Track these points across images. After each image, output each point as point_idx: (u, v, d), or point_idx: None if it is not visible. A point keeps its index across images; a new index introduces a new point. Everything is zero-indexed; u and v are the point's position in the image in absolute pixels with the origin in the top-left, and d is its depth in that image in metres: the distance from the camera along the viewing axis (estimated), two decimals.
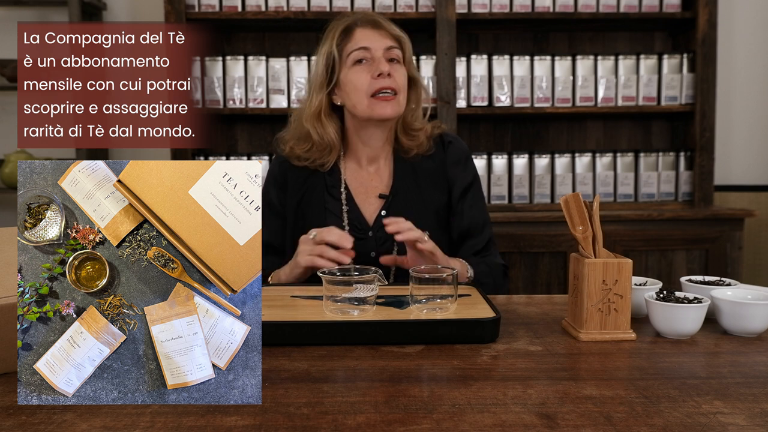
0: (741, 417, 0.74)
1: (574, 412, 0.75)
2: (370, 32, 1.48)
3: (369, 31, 1.48)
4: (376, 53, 1.45)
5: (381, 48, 1.46)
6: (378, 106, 1.45)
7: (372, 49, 1.46)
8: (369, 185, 1.54)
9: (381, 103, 1.45)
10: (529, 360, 0.94)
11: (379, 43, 1.46)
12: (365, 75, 1.45)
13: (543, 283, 2.59)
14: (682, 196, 2.75)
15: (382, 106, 1.45)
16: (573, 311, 1.08)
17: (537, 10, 2.64)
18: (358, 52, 1.46)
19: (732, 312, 1.05)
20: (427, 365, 0.92)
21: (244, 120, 2.90)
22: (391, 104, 1.45)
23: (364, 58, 1.46)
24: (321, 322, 1.04)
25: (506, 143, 2.96)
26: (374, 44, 1.46)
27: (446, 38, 2.58)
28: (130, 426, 0.72)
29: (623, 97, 2.71)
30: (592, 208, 1.06)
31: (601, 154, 2.74)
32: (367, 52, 1.46)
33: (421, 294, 1.10)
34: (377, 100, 1.45)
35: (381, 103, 1.45)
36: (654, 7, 2.66)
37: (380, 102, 1.45)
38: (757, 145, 3.03)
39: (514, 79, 2.68)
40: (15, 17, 2.92)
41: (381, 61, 1.45)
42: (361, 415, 0.74)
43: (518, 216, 2.55)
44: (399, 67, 1.48)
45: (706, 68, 2.63)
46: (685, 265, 2.59)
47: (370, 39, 1.47)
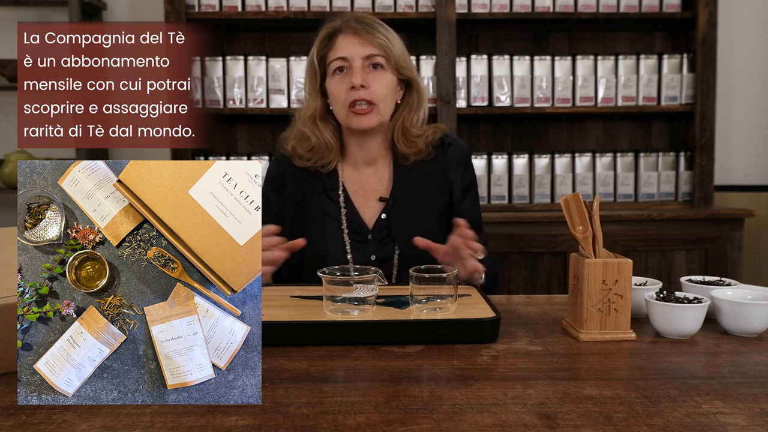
0: (741, 417, 0.74)
1: (574, 412, 0.75)
2: (351, 39, 1.44)
3: (350, 38, 1.45)
4: (355, 63, 1.43)
5: (359, 57, 1.43)
6: (354, 119, 1.44)
7: (350, 59, 1.43)
8: (368, 188, 1.53)
9: (356, 115, 1.44)
10: (529, 360, 0.94)
11: (358, 51, 1.43)
12: (342, 85, 1.44)
13: (543, 283, 2.59)
14: (682, 196, 2.75)
15: (357, 119, 1.44)
16: (573, 311, 1.08)
17: (537, 10, 2.64)
18: (336, 62, 1.45)
19: (732, 312, 1.05)
20: (427, 365, 0.92)
21: (244, 120, 2.90)
22: (367, 117, 1.43)
23: (343, 67, 1.44)
24: (321, 322, 1.04)
25: (506, 143, 2.96)
26: (352, 53, 1.43)
27: (446, 38, 2.58)
28: (130, 426, 0.72)
29: (623, 97, 2.71)
30: (592, 208, 1.06)
31: (601, 154, 2.74)
32: (346, 61, 1.44)
33: (421, 294, 1.10)
34: (353, 113, 1.44)
35: (356, 116, 1.44)
36: (654, 7, 2.66)
37: (356, 114, 1.44)
38: (757, 145, 3.03)
39: (514, 79, 2.68)
40: (15, 17, 2.92)
41: (357, 71, 1.42)
42: (361, 415, 0.74)
43: (518, 216, 2.55)
44: (381, 75, 1.45)
45: (706, 68, 2.63)
46: (685, 265, 2.59)
47: (348, 47, 1.44)
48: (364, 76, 1.43)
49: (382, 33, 1.46)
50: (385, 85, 1.45)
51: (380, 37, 1.45)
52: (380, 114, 1.45)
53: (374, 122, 1.45)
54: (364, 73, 1.43)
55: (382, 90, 1.44)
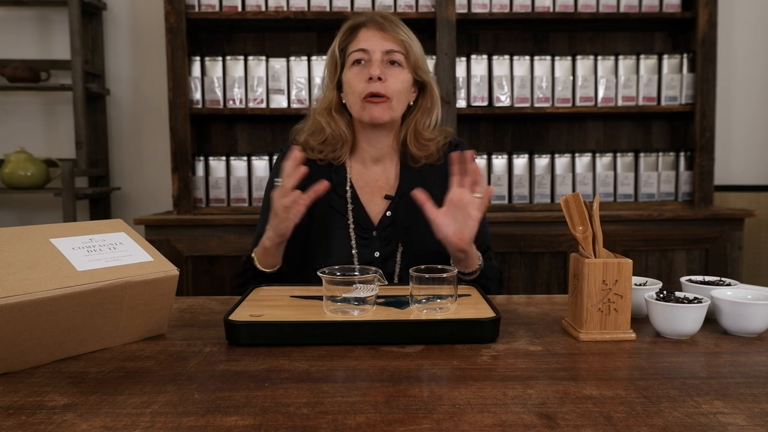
0: (741, 417, 0.74)
1: (574, 412, 0.75)
2: (373, 33, 1.47)
3: (372, 32, 1.47)
4: (374, 55, 1.45)
5: (380, 50, 1.45)
6: (367, 109, 1.45)
7: (370, 51, 1.45)
8: (374, 185, 1.54)
9: (370, 105, 1.45)
10: (529, 360, 0.94)
11: (379, 45, 1.45)
12: (360, 77, 1.45)
13: (543, 283, 2.59)
14: (682, 196, 2.75)
15: (370, 109, 1.45)
16: (573, 311, 1.08)
17: (537, 10, 2.64)
18: (356, 53, 1.46)
19: (732, 312, 1.05)
20: (427, 365, 0.92)
21: (244, 120, 2.90)
22: (380, 108, 1.44)
23: (362, 59, 1.46)
24: (321, 322, 1.04)
25: (506, 143, 2.96)
26: (373, 46, 1.45)
27: (446, 38, 2.58)
28: (130, 426, 0.72)
29: (623, 97, 2.71)
30: (592, 208, 1.06)
31: (601, 154, 2.74)
32: (366, 53, 1.46)
33: (421, 294, 1.10)
34: (368, 103, 1.45)
35: (370, 106, 1.45)
36: (654, 7, 2.66)
37: (370, 105, 1.45)
38: (757, 145, 3.03)
39: (514, 79, 2.68)
40: (15, 17, 2.92)
41: (375, 64, 1.44)
42: (361, 415, 0.74)
43: (518, 216, 2.55)
44: (398, 72, 1.47)
45: (706, 68, 2.64)
46: (685, 265, 2.59)
47: (370, 41, 1.46)
48: (383, 69, 1.44)
49: (404, 31, 1.49)
50: (401, 81, 1.47)
51: (402, 35, 1.47)
52: (392, 109, 1.47)
53: (386, 116, 1.46)
54: (382, 66, 1.45)
55: (397, 85, 1.46)
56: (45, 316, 0.90)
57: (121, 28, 2.95)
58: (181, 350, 1.00)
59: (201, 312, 1.24)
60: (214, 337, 1.06)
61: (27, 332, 0.89)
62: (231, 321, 1.02)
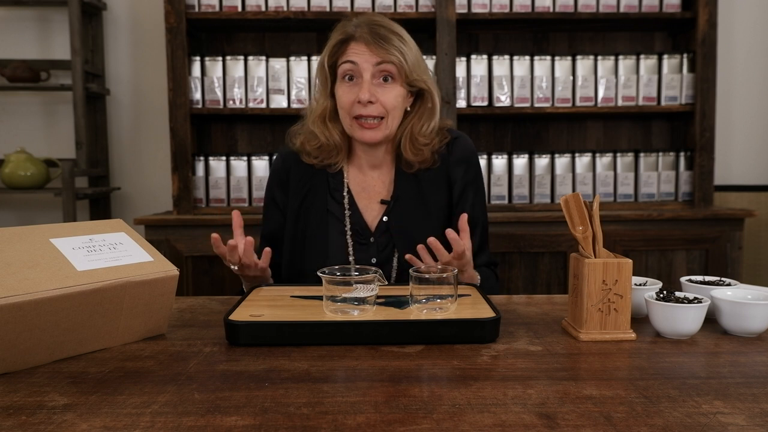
0: (741, 417, 0.74)
1: (574, 412, 0.75)
2: (362, 50, 1.41)
3: (362, 48, 1.41)
4: (365, 74, 1.40)
5: (370, 66, 1.40)
6: (358, 131, 1.43)
7: (360, 65, 1.41)
8: (372, 190, 1.52)
9: (362, 128, 1.43)
10: (529, 360, 0.94)
11: (370, 60, 1.40)
12: (350, 95, 1.42)
13: (543, 283, 2.59)
14: (682, 196, 2.75)
15: (362, 132, 1.43)
16: (573, 311, 1.08)
17: (537, 10, 2.64)
18: (346, 65, 1.42)
19: (732, 312, 1.05)
20: (427, 365, 0.92)
21: (244, 120, 2.90)
22: (372, 132, 1.42)
23: (353, 74, 1.42)
24: (321, 322, 1.04)
25: (506, 143, 2.96)
26: (363, 62, 1.40)
27: (446, 38, 2.58)
28: (130, 426, 0.72)
29: (623, 97, 2.71)
30: (592, 208, 1.06)
31: (601, 154, 2.74)
32: (356, 66, 1.41)
33: (421, 294, 1.10)
34: (358, 125, 1.43)
35: (362, 129, 1.43)
36: (654, 7, 2.66)
37: (361, 128, 1.43)
38: (757, 145, 3.03)
39: (514, 79, 2.68)
40: (15, 17, 2.92)
41: (365, 85, 1.40)
42: (361, 415, 0.74)
43: (518, 216, 2.55)
44: (390, 88, 1.42)
45: (706, 68, 2.64)
46: (685, 265, 2.59)
47: (360, 55, 1.41)
48: (373, 90, 1.40)
49: (395, 45, 1.42)
50: (394, 96, 1.43)
51: (393, 52, 1.41)
52: (387, 127, 1.44)
53: (379, 137, 1.44)
54: (373, 86, 1.41)
55: (390, 102, 1.42)
56: (45, 316, 0.90)
57: (121, 28, 2.95)
58: (181, 350, 1.00)
59: (201, 312, 1.24)
60: (214, 337, 1.06)
61: (27, 332, 0.89)
62: (231, 321, 1.02)
